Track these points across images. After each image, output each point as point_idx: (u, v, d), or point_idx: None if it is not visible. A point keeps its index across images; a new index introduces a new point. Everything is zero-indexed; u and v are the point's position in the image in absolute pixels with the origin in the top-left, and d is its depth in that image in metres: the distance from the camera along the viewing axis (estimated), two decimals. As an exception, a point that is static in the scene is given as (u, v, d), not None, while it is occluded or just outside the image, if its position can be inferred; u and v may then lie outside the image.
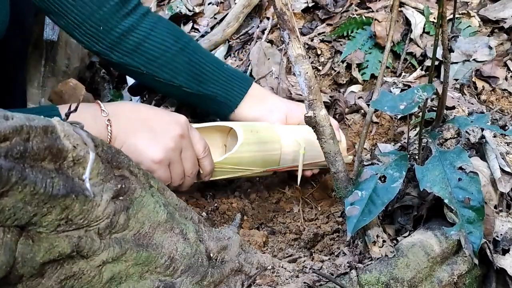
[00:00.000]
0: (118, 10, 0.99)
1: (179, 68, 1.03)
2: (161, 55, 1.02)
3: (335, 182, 0.79)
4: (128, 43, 1.01)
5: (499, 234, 0.77)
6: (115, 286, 0.56)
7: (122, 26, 0.99)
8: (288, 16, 0.67)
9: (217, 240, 0.70)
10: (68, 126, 0.48)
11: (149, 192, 0.58)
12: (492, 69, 1.22)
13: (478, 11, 1.38)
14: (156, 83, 1.06)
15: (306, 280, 0.71)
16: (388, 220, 0.89)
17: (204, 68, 1.05)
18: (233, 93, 1.07)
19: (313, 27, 1.53)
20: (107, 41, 1.00)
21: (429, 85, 0.73)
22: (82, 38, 1.00)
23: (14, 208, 0.42)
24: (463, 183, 0.71)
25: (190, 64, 1.04)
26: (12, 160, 0.41)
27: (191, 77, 1.04)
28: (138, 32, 1.01)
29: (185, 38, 1.06)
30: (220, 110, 1.10)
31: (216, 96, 1.06)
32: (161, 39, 1.02)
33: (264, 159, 1.00)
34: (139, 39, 1.01)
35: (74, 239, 0.49)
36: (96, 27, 0.98)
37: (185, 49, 1.04)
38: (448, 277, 0.73)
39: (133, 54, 1.02)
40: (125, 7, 1.00)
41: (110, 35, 0.99)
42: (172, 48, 1.03)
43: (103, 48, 1.01)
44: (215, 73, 1.06)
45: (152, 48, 1.02)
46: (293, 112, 1.08)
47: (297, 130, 1.05)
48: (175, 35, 1.05)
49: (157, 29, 1.03)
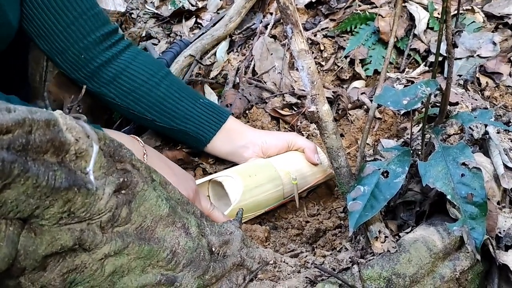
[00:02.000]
0: (101, 42, 1.02)
1: (152, 103, 1.05)
2: (136, 88, 1.04)
3: (337, 178, 0.79)
4: (106, 74, 1.03)
5: (501, 230, 0.77)
6: (117, 279, 0.56)
7: (103, 57, 1.02)
8: (291, 10, 0.66)
9: (219, 234, 0.70)
10: (71, 119, 0.48)
11: (151, 186, 0.58)
12: (496, 65, 1.22)
13: (482, 6, 1.38)
14: (130, 115, 1.09)
15: (308, 275, 0.71)
16: (390, 216, 0.89)
17: (178, 103, 1.06)
18: (206, 129, 1.07)
19: (316, 23, 1.52)
20: (86, 70, 1.03)
21: (432, 80, 0.73)
22: (63, 64, 1.02)
23: (17, 201, 0.42)
24: (466, 179, 0.71)
25: (164, 99, 1.05)
26: (14, 153, 0.41)
27: (165, 112, 1.06)
28: (117, 64, 1.04)
29: (162, 73, 1.07)
30: (192, 144, 1.11)
31: (188, 131, 1.07)
32: (138, 72, 1.05)
33: (268, 199, 1.01)
34: (116, 71, 1.03)
35: (76, 232, 0.49)
36: (78, 55, 1.01)
37: (161, 83, 1.06)
38: (450, 273, 0.73)
39: (109, 85, 1.04)
40: (109, 39, 1.03)
41: (90, 64, 1.02)
42: (148, 83, 1.05)
43: (81, 77, 1.03)
44: (189, 108, 1.07)
45: (128, 81, 1.04)
46: (269, 145, 1.08)
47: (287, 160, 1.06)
48: (152, 69, 1.06)
49: (135, 62, 1.05)
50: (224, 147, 1.09)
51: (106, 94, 1.05)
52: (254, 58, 1.42)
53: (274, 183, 1.01)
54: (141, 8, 1.89)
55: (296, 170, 1.04)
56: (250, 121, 1.27)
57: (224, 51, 1.53)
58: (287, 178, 1.03)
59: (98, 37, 1.01)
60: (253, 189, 0.99)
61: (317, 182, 1.08)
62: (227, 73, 1.43)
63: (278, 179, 1.02)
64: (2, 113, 0.40)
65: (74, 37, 0.99)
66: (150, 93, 1.05)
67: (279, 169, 1.03)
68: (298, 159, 1.06)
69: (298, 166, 1.05)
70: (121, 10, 1.41)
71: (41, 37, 0.99)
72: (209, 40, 1.53)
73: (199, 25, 1.76)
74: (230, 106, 1.28)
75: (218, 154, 1.12)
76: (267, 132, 1.14)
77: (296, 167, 1.04)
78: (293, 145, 1.08)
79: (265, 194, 1.00)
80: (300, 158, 1.06)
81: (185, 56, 1.46)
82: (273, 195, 1.01)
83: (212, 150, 1.10)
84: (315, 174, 1.06)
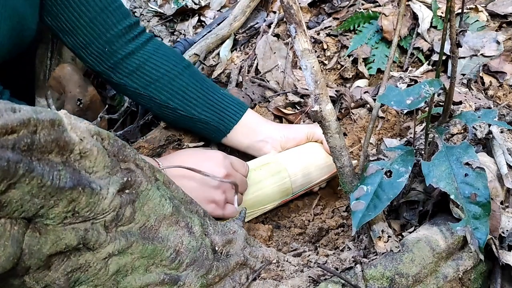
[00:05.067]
0: (124, 34, 1.04)
1: (175, 91, 1.07)
2: (159, 78, 1.06)
3: (340, 177, 0.79)
4: (130, 65, 1.05)
5: (505, 230, 0.77)
6: (121, 278, 0.56)
7: (126, 49, 1.05)
8: (295, 9, 0.66)
9: (222, 233, 0.70)
10: (75, 119, 0.48)
11: (155, 186, 0.58)
12: (499, 64, 1.21)
13: (486, 5, 1.37)
14: (152, 104, 1.10)
15: (311, 274, 0.71)
16: (393, 215, 0.89)
17: (200, 92, 1.08)
18: (226, 119, 1.09)
19: (319, 21, 1.52)
20: (110, 62, 1.05)
21: (436, 80, 0.73)
22: (88, 58, 1.05)
23: (21, 201, 0.42)
24: (470, 178, 0.71)
25: (187, 88, 1.07)
26: (19, 153, 0.41)
27: (187, 100, 1.07)
28: (140, 55, 1.06)
29: (184, 63, 1.10)
30: (212, 134, 1.12)
31: (209, 120, 1.08)
32: (161, 62, 1.07)
33: (277, 191, 1.02)
34: (140, 61, 1.06)
35: (80, 232, 0.49)
36: (102, 48, 1.03)
37: (183, 73, 1.08)
38: (454, 273, 0.73)
39: (133, 75, 1.06)
40: (131, 32, 1.05)
41: (114, 56, 1.04)
42: (171, 72, 1.07)
43: (105, 69, 1.06)
44: (210, 98, 1.09)
45: (151, 70, 1.06)
46: (287, 139, 1.09)
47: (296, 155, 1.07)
48: (175, 59, 1.09)
49: (158, 53, 1.08)
50: (243, 139, 1.10)
51: (129, 84, 1.07)
52: (257, 57, 1.42)
53: (280, 175, 1.02)
54: (144, 7, 1.89)
55: (304, 166, 1.04)
56: (253, 120, 1.26)
57: (228, 49, 1.53)
58: (294, 171, 1.03)
59: (120, 30, 1.03)
60: (258, 183, 1.00)
61: (323, 179, 1.08)
62: (230, 72, 1.43)
63: (284, 172, 1.02)
64: (7, 113, 0.40)
65: (98, 31, 1.01)
66: (173, 82, 1.07)
67: (286, 163, 1.03)
68: (306, 154, 1.06)
69: (305, 162, 1.05)
70: (124, 9, 1.41)
71: (66, 32, 1.01)
72: (213, 39, 1.53)
73: (203, 23, 1.76)
74: (233, 105, 1.28)
75: (237, 146, 1.12)
76: (286, 126, 1.15)
77: (303, 163, 1.05)
78: (312, 136, 1.09)
79: (271, 187, 1.01)
80: (308, 154, 1.06)
81: (189, 55, 1.47)
82: (280, 187, 1.02)
83: (231, 141, 1.11)
84: (323, 169, 1.06)
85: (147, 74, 1.06)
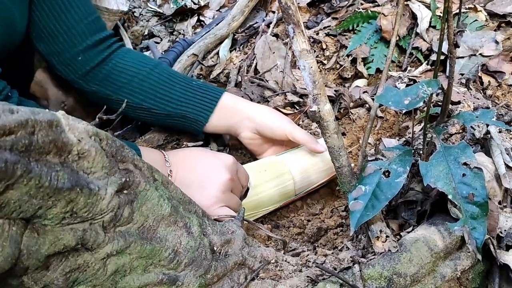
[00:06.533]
0: (97, 45, 1.07)
1: (146, 92, 1.08)
2: (129, 81, 1.08)
3: (339, 177, 0.79)
4: (100, 72, 1.08)
5: (503, 230, 0.77)
6: (120, 278, 0.56)
7: (98, 58, 1.07)
8: (293, 10, 0.66)
9: (220, 233, 0.70)
10: (73, 120, 0.48)
11: (153, 186, 0.59)
12: (498, 64, 1.22)
13: (485, 5, 1.37)
14: (127, 109, 1.10)
15: (309, 274, 0.71)
16: (391, 215, 0.89)
17: (172, 88, 1.08)
18: (202, 108, 1.08)
19: (318, 21, 1.52)
20: (82, 71, 1.07)
21: (434, 80, 0.73)
22: (59, 66, 1.07)
23: (20, 201, 0.42)
24: (467, 178, 0.71)
25: (157, 86, 1.08)
26: (17, 154, 0.41)
27: (159, 98, 1.08)
28: (109, 62, 1.08)
29: (152, 64, 1.11)
30: (191, 126, 1.11)
31: (186, 113, 1.08)
32: (129, 66, 1.09)
33: (280, 193, 1.02)
34: (109, 68, 1.08)
35: (79, 232, 0.49)
36: (75, 57, 1.05)
37: (152, 73, 1.09)
38: (451, 273, 0.74)
39: (103, 82, 1.08)
40: (105, 43, 1.08)
41: (86, 65, 1.07)
42: (140, 74, 1.08)
43: (76, 78, 1.08)
44: (182, 91, 1.09)
45: (120, 75, 1.08)
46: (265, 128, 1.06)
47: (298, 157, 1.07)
48: (142, 62, 1.10)
49: (125, 59, 1.10)
50: (221, 123, 1.10)
51: (101, 91, 1.09)
52: (256, 56, 1.42)
53: (284, 177, 1.02)
54: (143, 7, 1.89)
55: (306, 168, 1.05)
56: (252, 119, 1.27)
57: (227, 49, 1.54)
58: (297, 173, 1.04)
59: (96, 40, 1.06)
60: (263, 183, 1.00)
61: (325, 181, 1.08)
62: (229, 72, 1.44)
63: (288, 174, 1.02)
64: (5, 114, 0.40)
65: (74, 41, 1.04)
66: (143, 83, 1.08)
67: (290, 165, 1.04)
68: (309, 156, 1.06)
69: (308, 164, 1.05)
70: (124, 9, 1.41)
71: (41, 38, 1.03)
72: (212, 39, 1.53)
73: (202, 23, 1.76)
74: (232, 105, 1.28)
75: (218, 131, 1.13)
76: (267, 111, 1.10)
77: (306, 165, 1.05)
78: (292, 136, 1.06)
79: (274, 189, 1.01)
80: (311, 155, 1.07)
81: (188, 55, 1.47)
82: (283, 190, 1.02)
83: (212, 129, 1.11)
84: (322, 172, 1.07)
85: (117, 79, 1.08)
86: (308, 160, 1.06)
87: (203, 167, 0.91)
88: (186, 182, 0.88)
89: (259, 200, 0.99)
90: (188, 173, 0.90)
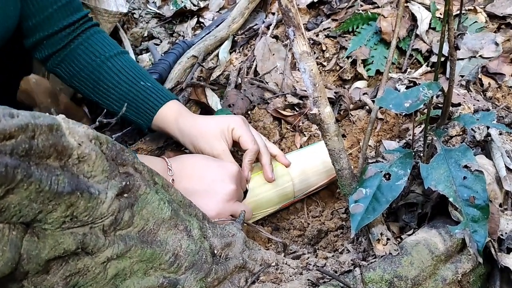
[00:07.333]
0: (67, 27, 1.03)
1: (93, 85, 1.05)
2: (81, 70, 1.05)
3: (339, 179, 0.79)
4: (59, 56, 1.05)
5: (503, 232, 0.77)
6: (120, 282, 0.56)
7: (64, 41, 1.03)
8: (293, 13, 0.66)
9: (221, 237, 0.70)
10: (74, 124, 0.48)
11: (153, 189, 0.58)
12: (498, 66, 1.21)
13: (485, 7, 1.37)
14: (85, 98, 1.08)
15: (310, 277, 0.71)
16: (392, 218, 0.89)
17: (116, 86, 1.04)
18: (142, 114, 1.05)
19: (318, 23, 1.52)
20: (48, 51, 1.04)
21: (434, 83, 0.73)
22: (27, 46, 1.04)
23: (20, 206, 0.42)
24: (468, 181, 0.71)
25: (103, 81, 1.04)
26: (17, 158, 0.41)
27: (104, 94, 1.05)
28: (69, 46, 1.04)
29: (108, 54, 1.05)
30: (140, 128, 1.09)
31: (127, 116, 1.05)
32: (84, 53, 1.05)
33: (279, 195, 1.02)
34: (66, 52, 1.04)
35: (79, 236, 0.49)
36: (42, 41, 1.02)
37: (103, 65, 1.04)
38: (452, 276, 0.73)
39: (61, 65, 1.06)
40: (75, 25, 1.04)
41: (54, 47, 1.04)
42: (91, 64, 1.04)
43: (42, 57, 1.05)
44: (126, 91, 1.04)
45: (74, 61, 1.05)
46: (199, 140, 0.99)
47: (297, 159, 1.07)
48: (100, 50, 1.05)
49: (86, 43, 1.05)
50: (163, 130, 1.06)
51: (59, 74, 1.07)
52: (256, 58, 1.42)
53: (283, 179, 1.02)
54: (143, 8, 1.89)
55: (305, 170, 1.05)
56: (252, 121, 1.27)
57: (227, 51, 1.53)
58: (296, 175, 1.04)
59: (70, 23, 1.02)
60: (262, 185, 0.99)
61: (324, 183, 1.08)
62: (229, 74, 1.43)
63: (287, 175, 1.02)
64: (5, 119, 0.40)
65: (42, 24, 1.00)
66: (92, 75, 1.04)
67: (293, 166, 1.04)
68: (308, 158, 1.07)
69: (307, 166, 1.05)
70: (123, 10, 1.41)
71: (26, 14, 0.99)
72: (212, 41, 1.53)
73: (202, 25, 1.76)
74: (232, 107, 1.28)
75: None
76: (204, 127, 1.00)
77: (305, 166, 1.05)
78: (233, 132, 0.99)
79: (273, 190, 1.01)
80: (310, 157, 1.07)
81: (187, 57, 1.46)
82: (282, 191, 1.02)
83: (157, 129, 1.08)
84: (321, 174, 1.07)
85: (71, 65, 1.05)
86: (307, 162, 1.06)
87: (209, 177, 0.89)
88: (190, 191, 0.86)
89: (258, 202, 0.99)
90: (193, 182, 0.89)
